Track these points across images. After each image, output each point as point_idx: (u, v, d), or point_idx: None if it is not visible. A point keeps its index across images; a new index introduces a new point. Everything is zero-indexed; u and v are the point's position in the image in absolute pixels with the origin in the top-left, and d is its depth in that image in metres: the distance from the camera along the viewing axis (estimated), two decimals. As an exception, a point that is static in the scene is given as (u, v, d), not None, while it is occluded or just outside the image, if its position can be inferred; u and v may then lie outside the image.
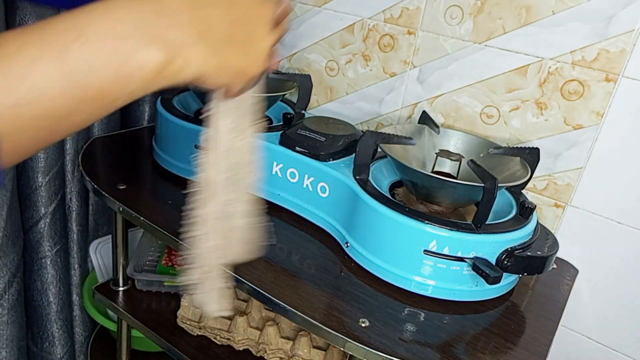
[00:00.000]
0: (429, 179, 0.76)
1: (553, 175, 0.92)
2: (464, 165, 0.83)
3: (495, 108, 0.95)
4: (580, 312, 0.95)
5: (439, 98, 1.01)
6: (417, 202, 0.84)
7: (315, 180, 0.86)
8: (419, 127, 0.92)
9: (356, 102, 1.13)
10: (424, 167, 0.88)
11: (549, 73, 0.88)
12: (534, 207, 0.78)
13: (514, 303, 0.79)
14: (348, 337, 0.65)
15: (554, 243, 0.79)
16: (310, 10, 1.12)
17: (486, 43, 0.93)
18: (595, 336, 0.95)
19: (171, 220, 0.85)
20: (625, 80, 0.82)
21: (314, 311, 0.69)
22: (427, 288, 0.74)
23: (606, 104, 0.84)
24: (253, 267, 0.76)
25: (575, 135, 0.88)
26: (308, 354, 0.93)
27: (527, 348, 0.70)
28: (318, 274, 0.77)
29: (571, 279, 0.89)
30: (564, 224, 0.93)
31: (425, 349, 0.66)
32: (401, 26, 1.01)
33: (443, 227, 0.71)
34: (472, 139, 0.90)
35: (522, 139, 0.94)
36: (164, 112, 0.96)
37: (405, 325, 0.69)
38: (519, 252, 0.73)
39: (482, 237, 0.71)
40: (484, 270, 0.69)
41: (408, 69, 1.03)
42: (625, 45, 0.80)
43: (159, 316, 1.05)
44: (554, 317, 0.78)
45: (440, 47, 0.98)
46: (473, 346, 0.68)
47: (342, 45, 1.11)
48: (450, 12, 0.95)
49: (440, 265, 0.72)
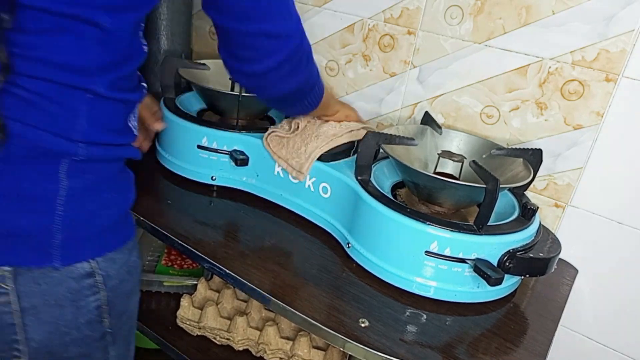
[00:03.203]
0: (430, 180, 0.76)
1: (553, 175, 0.92)
2: (466, 166, 0.83)
3: (495, 108, 0.95)
4: (580, 312, 0.95)
5: (439, 98, 1.01)
6: (419, 203, 0.84)
7: (317, 180, 0.86)
8: (421, 128, 0.91)
9: (356, 102, 1.13)
10: (426, 168, 0.88)
11: (549, 73, 0.88)
12: (536, 208, 0.78)
13: (516, 304, 0.79)
14: (348, 337, 0.66)
15: (556, 245, 0.79)
16: (310, 10, 1.12)
17: (486, 43, 0.93)
18: (595, 336, 0.96)
19: (171, 221, 0.85)
20: (625, 80, 0.82)
21: (314, 311, 0.69)
22: (429, 289, 0.74)
23: (606, 104, 0.84)
24: (253, 267, 0.76)
25: (575, 135, 0.88)
26: (308, 354, 0.93)
27: (527, 348, 0.70)
28: (319, 274, 0.77)
29: (571, 279, 0.90)
30: (564, 224, 0.93)
31: (426, 349, 0.66)
32: (401, 26, 1.01)
33: (444, 228, 0.71)
34: (475, 139, 0.90)
35: (522, 139, 0.94)
36: (167, 112, 0.96)
37: (405, 326, 0.69)
38: (521, 254, 0.72)
39: (484, 238, 0.71)
40: (486, 272, 0.69)
41: (408, 69, 1.03)
42: (625, 45, 0.80)
43: (159, 316, 1.05)
44: (554, 317, 0.78)
45: (440, 47, 0.98)
46: (474, 347, 0.68)
47: (342, 45, 1.11)
48: (450, 12, 0.95)
49: (441, 266, 0.72)
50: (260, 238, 0.84)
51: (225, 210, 0.92)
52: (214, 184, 0.96)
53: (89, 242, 0.60)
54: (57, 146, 0.54)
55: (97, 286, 0.62)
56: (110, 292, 0.63)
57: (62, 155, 0.55)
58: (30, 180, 0.54)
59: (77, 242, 0.58)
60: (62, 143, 0.54)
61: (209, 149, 0.93)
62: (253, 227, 0.87)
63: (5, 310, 0.57)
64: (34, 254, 0.56)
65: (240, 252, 0.80)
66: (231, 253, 0.79)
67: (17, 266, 0.56)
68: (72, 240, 0.58)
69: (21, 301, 0.57)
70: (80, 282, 0.60)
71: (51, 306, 0.59)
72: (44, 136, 0.53)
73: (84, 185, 0.58)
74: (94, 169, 0.58)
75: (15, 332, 0.58)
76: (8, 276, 0.55)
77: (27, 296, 0.57)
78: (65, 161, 0.56)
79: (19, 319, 0.58)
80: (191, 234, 0.82)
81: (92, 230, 0.60)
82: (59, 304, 0.59)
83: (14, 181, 0.54)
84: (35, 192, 0.55)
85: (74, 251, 0.58)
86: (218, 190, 0.97)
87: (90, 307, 0.62)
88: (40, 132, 0.53)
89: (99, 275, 0.61)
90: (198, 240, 0.81)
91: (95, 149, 0.57)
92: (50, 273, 0.57)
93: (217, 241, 0.82)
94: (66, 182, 0.56)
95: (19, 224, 0.55)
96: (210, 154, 0.93)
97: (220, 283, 1.09)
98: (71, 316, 0.61)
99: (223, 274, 0.75)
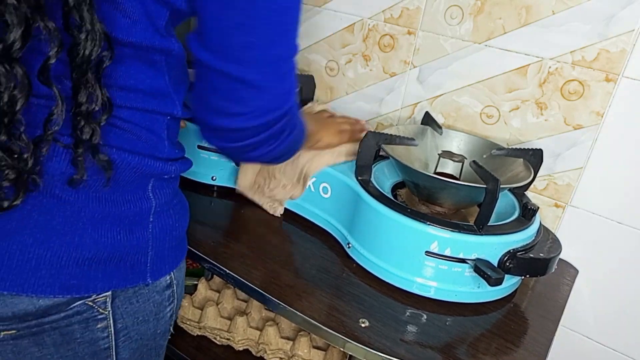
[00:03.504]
0: (431, 180, 0.76)
1: (553, 175, 0.92)
2: (466, 166, 0.83)
3: (495, 108, 0.95)
4: (580, 312, 0.95)
5: (439, 98, 1.01)
6: (420, 203, 0.84)
7: (317, 180, 0.86)
8: (422, 128, 0.92)
9: (356, 102, 1.13)
10: (427, 168, 0.88)
11: (549, 73, 0.88)
12: (537, 208, 0.78)
13: (516, 304, 0.79)
14: (348, 338, 0.66)
15: (557, 245, 0.79)
16: (310, 10, 1.12)
17: (486, 43, 0.93)
18: (595, 336, 0.96)
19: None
20: (625, 80, 0.82)
21: (314, 311, 0.69)
22: (429, 289, 0.74)
23: (606, 104, 0.84)
24: (253, 267, 0.76)
25: (575, 135, 0.88)
26: (308, 354, 0.93)
27: (527, 348, 0.70)
28: (319, 275, 0.77)
29: (571, 279, 0.90)
30: (564, 224, 0.93)
31: (426, 349, 0.66)
32: (401, 26, 1.01)
33: (445, 228, 0.71)
34: (475, 140, 0.90)
35: (522, 139, 0.94)
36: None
37: (406, 326, 0.69)
38: (522, 254, 0.73)
39: (484, 238, 0.71)
40: (486, 272, 0.69)
41: (408, 69, 1.03)
42: (625, 45, 0.80)
43: (159, 316, 1.05)
44: (554, 317, 0.78)
45: (440, 47, 0.98)
46: (474, 347, 0.68)
47: (342, 45, 1.11)
48: (450, 12, 0.95)
49: (441, 266, 0.72)
50: (261, 238, 0.84)
51: (226, 210, 0.92)
52: (214, 184, 0.96)
53: (169, 255, 0.61)
54: (148, 167, 0.56)
55: (174, 296, 0.63)
56: (178, 300, 0.66)
57: (152, 175, 0.57)
58: (126, 203, 0.55)
59: (163, 256, 0.60)
60: (152, 164, 0.56)
61: (209, 150, 0.93)
62: (253, 227, 0.87)
63: (103, 336, 0.57)
64: (131, 273, 0.57)
65: (240, 252, 0.80)
66: (231, 253, 0.79)
67: (114, 289, 0.56)
68: (159, 254, 0.59)
69: (116, 324, 0.58)
70: (162, 295, 0.61)
71: (139, 323, 0.60)
72: (137, 159, 0.54)
73: (165, 201, 0.59)
74: (169, 184, 0.60)
75: (109, 356, 0.59)
76: (107, 301, 0.56)
77: (121, 317, 0.58)
78: (152, 180, 0.57)
79: (113, 341, 0.58)
80: (191, 234, 0.82)
81: (172, 243, 0.61)
82: (145, 319, 0.60)
83: (115, 206, 0.55)
84: (131, 213, 0.56)
85: (161, 265, 0.60)
86: (218, 191, 0.97)
87: (167, 318, 0.64)
88: (136, 155, 0.54)
89: (175, 286, 0.63)
90: (198, 240, 0.81)
91: (173, 165, 0.59)
92: (141, 290, 0.59)
93: (218, 241, 0.82)
94: (154, 201, 0.58)
95: (117, 246, 0.55)
96: (210, 154, 0.93)
97: (220, 283, 1.09)
98: (153, 329, 0.62)
99: (223, 274, 0.75)
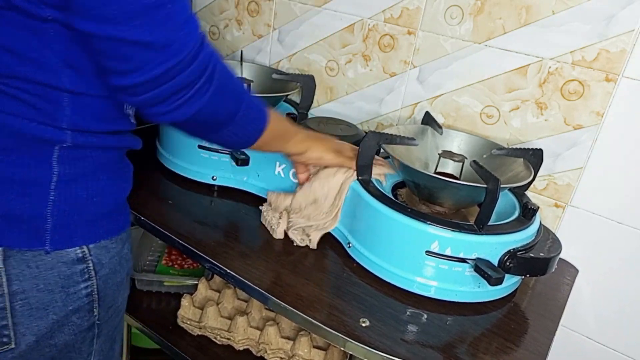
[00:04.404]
0: (431, 180, 0.76)
1: (553, 175, 0.92)
2: (466, 166, 0.83)
3: (495, 108, 0.95)
4: (580, 312, 0.95)
5: (439, 98, 1.01)
6: (420, 203, 0.84)
7: (316, 180, 0.86)
8: (422, 128, 0.92)
9: (356, 102, 1.13)
10: (427, 167, 0.88)
11: (549, 73, 0.88)
12: (537, 208, 0.78)
13: (516, 304, 0.79)
14: (348, 337, 0.66)
15: (557, 244, 0.79)
16: (310, 10, 1.12)
17: (486, 43, 0.93)
18: (595, 336, 0.96)
19: (172, 221, 0.85)
20: (625, 80, 0.82)
21: (315, 311, 0.69)
22: (430, 289, 0.74)
23: (606, 104, 0.84)
24: (254, 267, 0.76)
25: (575, 135, 0.88)
26: (308, 354, 0.94)
27: (527, 348, 0.70)
28: (319, 274, 0.77)
29: (571, 279, 0.90)
30: (564, 224, 0.93)
31: (427, 349, 0.66)
32: (401, 26, 1.01)
33: (445, 228, 0.71)
34: (475, 139, 0.90)
35: (522, 139, 0.94)
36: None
37: (406, 326, 0.70)
38: (522, 254, 0.73)
39: (484, 238, 0.71)
40: (486, 272, 0.69)
41: (408, 69, 1.03)
42: (625, 45, 0.80)
43: (159, 316, 1.05)
44: (554, 317, 0.78)
45: (440, 47, 0.98)
46: (475, 347, 0.68)
47: (342, 45, 1.11)
48: (450, 12, 0.95)
49: (442, 266, 0.72)
50: (261, 238, 0.85)
51: (226, 210, 0.92)
52: (214, 184, 0.96)
53: (80, 228, 0.61)
54: (45, 133, 0.56)
55: (89, 273, 0.62)
56: (100, 280, 0.64)
57: (52, 142, 0.57)
58: (24, 166, 0.56)
59: (69, 228, 0.60)
60: (49, 131, 0.56)
61: (209, 149, 0.93)
62: (253, 227, 0.87)
63: None
64: (26, 236, 0.58)
65: (240, 251, 0.80)
66: (232, 253, 0.79)
67: (7, 247, 0.57)
68: (63, 225, 0.59)
69: (11, 284, 0.58)
70: (72, 268, 0.61)
71: (41, 291, 0.59)
72: (30, 125, 0.55)
73: (76, 172, 0.59)
74: (86, 156, 0.60)
75: (5, 317, 0.59)
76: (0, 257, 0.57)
77: (17, 279, 0.58)
78: (56, 148, 0.57)
79: (8, 302, 0.58)
80: (192, 233, 0.82)
81: (84, 217, 0.61)
82: (49, 289, 0.60)
83: (10, 168, 0.56)
84: (29, 177, 0.57)
85: (65, 236, 0.60)
86: (219, 190, 0.97)
87: (81, 295, 0.63)
88: (26, 121, 0.55)
89: (91, 262, 0.62)
90: (199, 240, 0.81)
91: (83, 136, 0.58)
92: (41, 257, 0.59)
93: (218, 241, 0.82)
94: (57, 169, 0.58)
95: (12, 207, 0.56)
96: (211, 154, 0.93)
97: (220, 283, 1.09)
98: (61, 303, 0.61)
99: (224, 273, 0.75)
